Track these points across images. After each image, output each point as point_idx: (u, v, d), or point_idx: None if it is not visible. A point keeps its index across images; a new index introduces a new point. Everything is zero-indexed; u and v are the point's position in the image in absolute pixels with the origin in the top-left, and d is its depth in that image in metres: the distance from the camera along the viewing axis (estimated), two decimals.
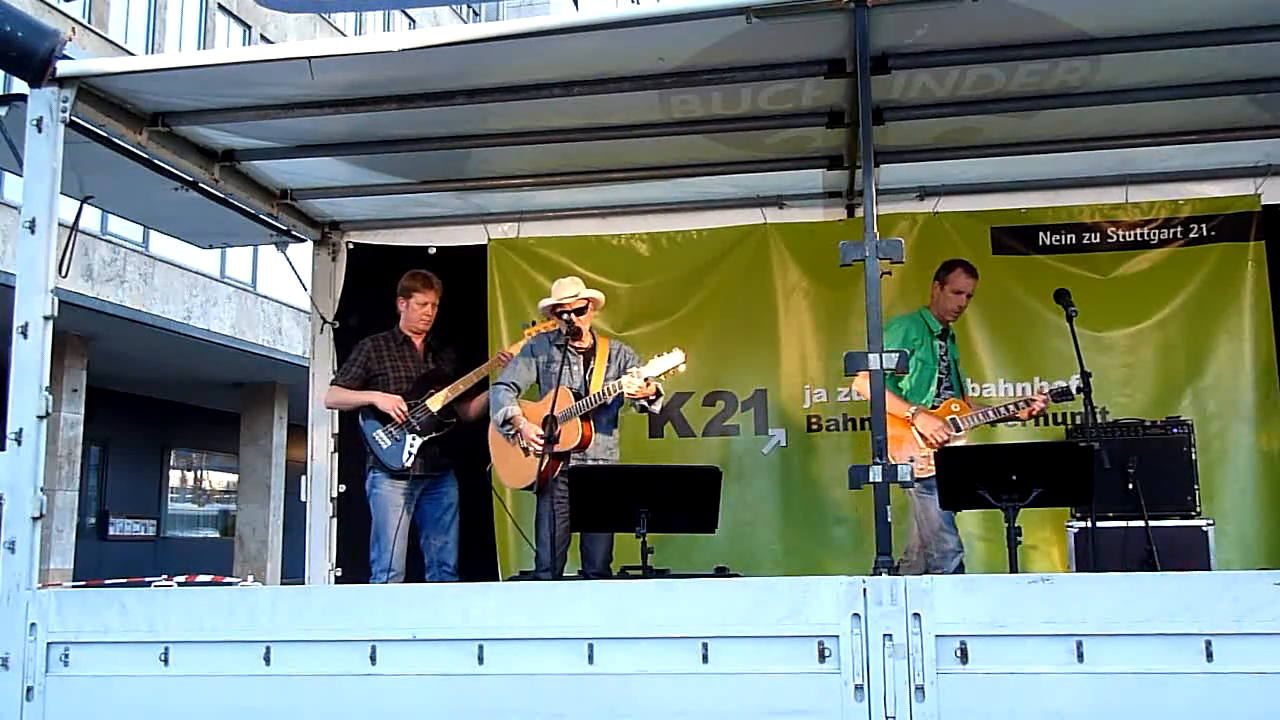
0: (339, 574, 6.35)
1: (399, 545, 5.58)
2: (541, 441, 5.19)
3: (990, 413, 5.44)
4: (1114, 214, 6.20)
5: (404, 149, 5.38)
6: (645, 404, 5.34)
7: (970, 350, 6.24)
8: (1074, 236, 6.24)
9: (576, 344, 5.46)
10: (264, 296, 19.65)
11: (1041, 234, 6.27)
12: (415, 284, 5.79)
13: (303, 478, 6.65)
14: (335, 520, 6.45)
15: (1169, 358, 6.08)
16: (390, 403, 5.63)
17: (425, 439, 5.64)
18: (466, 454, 5.84)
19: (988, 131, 5.33)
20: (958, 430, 5.32)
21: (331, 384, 5.86)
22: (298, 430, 18.65)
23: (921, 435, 5.26)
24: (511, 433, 5.40)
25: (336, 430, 6.51)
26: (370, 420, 5.72)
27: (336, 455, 6.51)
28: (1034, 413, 5.47)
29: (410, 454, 5.61)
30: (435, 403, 5.66)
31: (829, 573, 3.55)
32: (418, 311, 5.77)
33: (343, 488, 6.46)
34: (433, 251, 6.61)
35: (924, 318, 5.55)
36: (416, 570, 5.72)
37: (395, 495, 5.61)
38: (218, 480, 24.66)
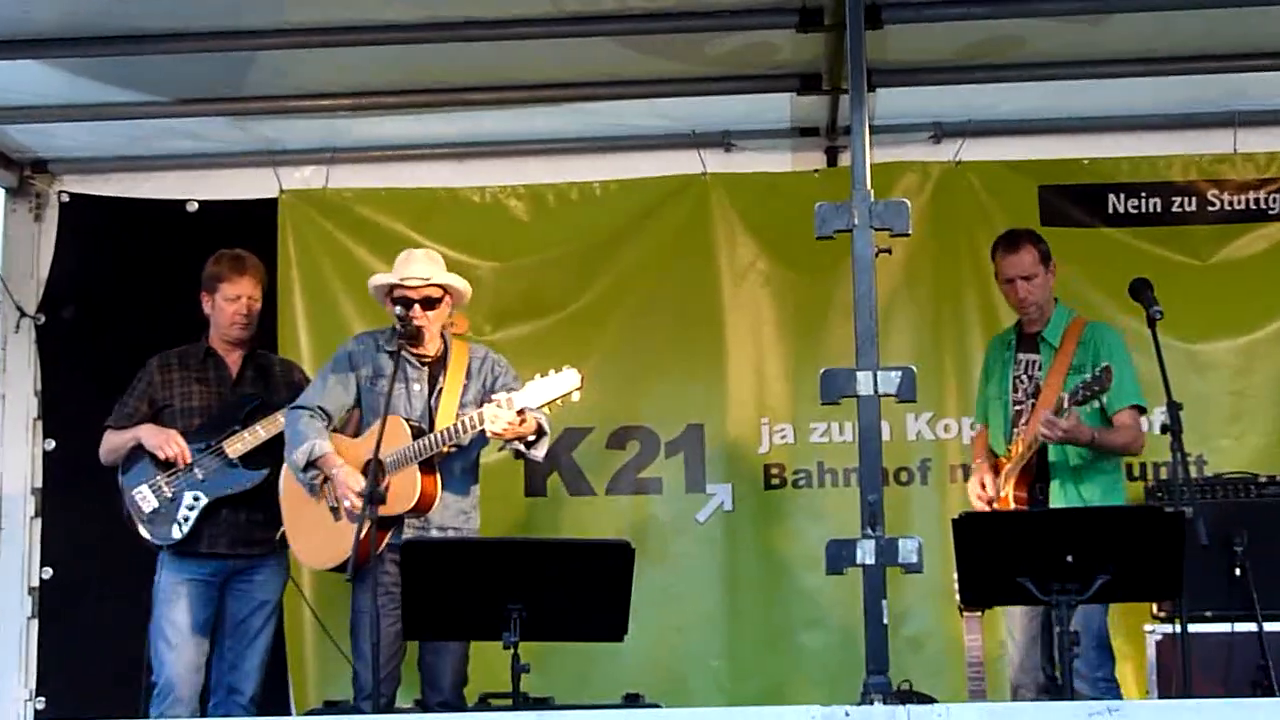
0: (40, 705, 6.28)
1: (184, 660, 5.52)
2: (361, 500, 5.15)
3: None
4: (1217, 169, 6.38)
5: (151, 48, 5.34)
6: (522, 448, 5.34)
7: None
8: (1159, 202, 6.40)
9: (417, 351, 5.44)
10: None
11: (1113, 197, 6.43)
12: (220, 269, 5.73)
13: None
14: (34, 622, 6.38)
15: None
16: (159, 439, 5.56)
17: (214, 498, 5.57)
18: None
19: (1034, 44, 5.47)
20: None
21: (105, 427, 5.75)
22: None
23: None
24: (318, 482, 5.36)
25: (38, 485, 6.44)
26: (132, 472, 5.62)
27: (39, 523, 6.43)
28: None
29: (187, 519, 5.54)
30: (235, 446, 5.58)
31: (796, 700, 3.59)
32: (227, 311, 5.70)
33: (47, 573, 6.39)
34: (193, 208, 6.60)
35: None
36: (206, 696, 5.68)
37: (182, 586, 5.56)
38: None
